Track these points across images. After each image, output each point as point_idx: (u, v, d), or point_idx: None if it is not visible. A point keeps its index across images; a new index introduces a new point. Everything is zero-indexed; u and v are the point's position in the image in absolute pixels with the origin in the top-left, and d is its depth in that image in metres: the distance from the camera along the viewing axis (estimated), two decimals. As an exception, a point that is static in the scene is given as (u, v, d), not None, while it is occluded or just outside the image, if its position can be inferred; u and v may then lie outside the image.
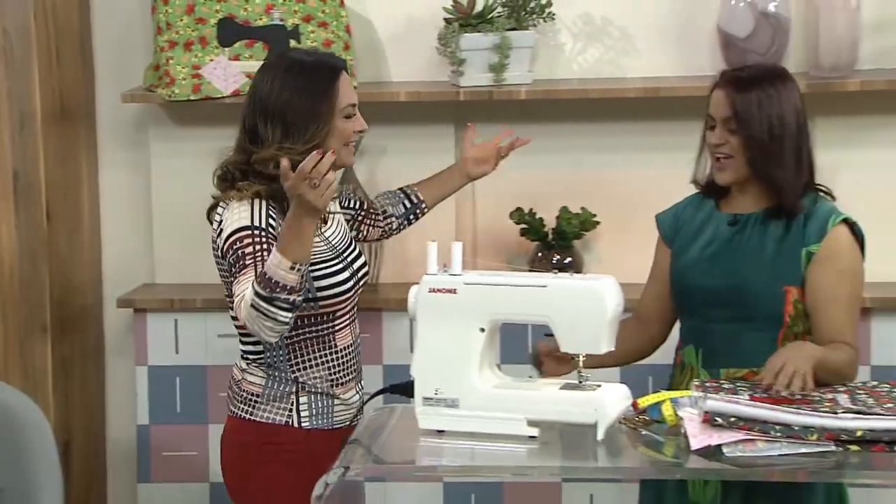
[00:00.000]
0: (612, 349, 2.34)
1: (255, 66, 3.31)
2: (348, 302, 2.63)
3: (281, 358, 2.59)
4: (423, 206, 2.92)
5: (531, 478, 3.08)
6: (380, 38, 3.39)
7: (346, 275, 2.59)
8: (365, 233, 2.85)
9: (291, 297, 2.38)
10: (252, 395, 2.60)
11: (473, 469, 2.40)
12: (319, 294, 2.57)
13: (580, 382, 2.34)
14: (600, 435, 2.27)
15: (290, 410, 2.58)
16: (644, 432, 2.32)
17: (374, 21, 3.40)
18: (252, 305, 2.38)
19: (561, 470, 2.45)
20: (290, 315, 2.39)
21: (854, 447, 2.20)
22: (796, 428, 2.20)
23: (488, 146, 2.94)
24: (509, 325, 2.49)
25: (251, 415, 2.59)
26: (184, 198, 3.47)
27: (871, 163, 3.28)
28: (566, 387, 2.35)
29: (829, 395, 2.32)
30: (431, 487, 3.30)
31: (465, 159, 2.94)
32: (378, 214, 2.87)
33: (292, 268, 2.37)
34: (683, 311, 2.64)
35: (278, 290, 2.37)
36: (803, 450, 2.20)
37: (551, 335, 2.37)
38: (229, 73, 3.29)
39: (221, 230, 2.54)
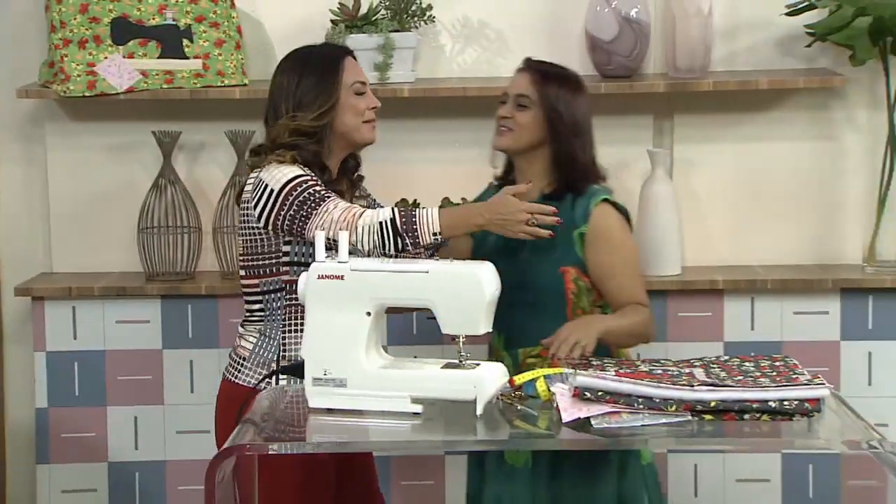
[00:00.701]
0: (490, 330, 2.37)
1: (149, 63, 3.27)
2: None
3: (276, 318, 2.63)
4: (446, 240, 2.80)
5: (416, 451, 3.10)
6: (270, 38, 3.36)
7: None
8: None
9: (408, 248, 2.46)
10: (241, 358, 2.65)
11: (361, 445, 2.40)
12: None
13: (460, 362, 2.36)
14: (479, 410, 2.30)
15: (270, 377, 2.58)
16: (520, 407, 2.35)
17: (264, 22, 3.36)
18: (381, 223, 2.46)
19: (443, 443, 2.47)
20: (392, 253, 2.47)
21: (708, 417, 2.26)
22: (657, 400, 2.26)
23: None
24: (394, 309, 2.49)
25: (235, 378, 2.65)
26: (80, 190, 3.40)
27: (723, 156, 3.37)
28: (447, 366, 2.37)
29: (687, 370, 2.39)
30: (322, 462, 3.29)
31: None
32: None
33: (435, 234, 2.48)
34: None
35: (409, 234, 2.47)
36: (663, 420, 2.25)
37: (433, 318, 2.38)
38: (124, 71, 3.22)
39: (266, 185, 2.55)
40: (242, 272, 2.66)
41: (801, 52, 3.31)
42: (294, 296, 2.61)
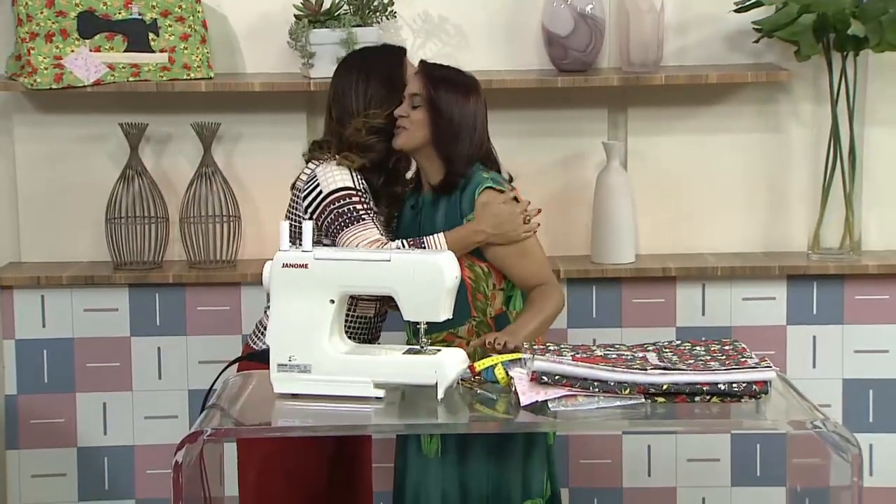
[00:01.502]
0: (451, 317, 2.36)
1: (115, 57, 3.22)
2: None
3: None
4: None
5: (378, 435, 3.08)
6: (235, 32, 3.33)
7: None
8: None
9: None
10: (263, 327, 2.67)
11: (325, 429, 2.39)
12: None
13: (422, 348, 2.35)
14: (440, 394, 2.29)
15: None
16: (479, 391, 2.34)
17: (229, 16, 3.33)
18: None
19: (405, 427, 2.45)
20: None
21: (661, 399, 2.27)
22: (612, 384, 2.26)
23: None
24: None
25: (255, 344, 2.67)
26: (48, 181, 3.35)
27: (675, 148, 3.38)
28: (409, 352, 2.36)
29: (640, 354, 2.39)
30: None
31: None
32: None
33: None
34: None
35: None
36: (618, 403, 2.26)
37: (394, 304, 2.37)
38: (91, 64, 3.17)
39: (318, 184, 2.60)
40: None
41: (748, 47, 3.32)
42: None
